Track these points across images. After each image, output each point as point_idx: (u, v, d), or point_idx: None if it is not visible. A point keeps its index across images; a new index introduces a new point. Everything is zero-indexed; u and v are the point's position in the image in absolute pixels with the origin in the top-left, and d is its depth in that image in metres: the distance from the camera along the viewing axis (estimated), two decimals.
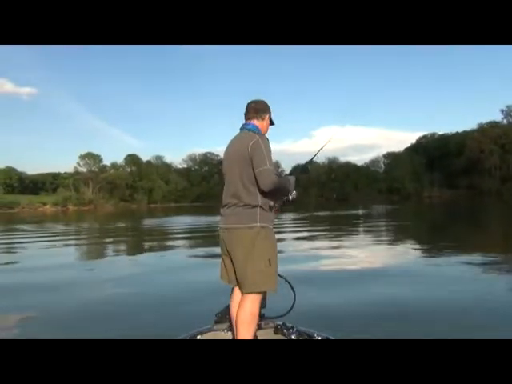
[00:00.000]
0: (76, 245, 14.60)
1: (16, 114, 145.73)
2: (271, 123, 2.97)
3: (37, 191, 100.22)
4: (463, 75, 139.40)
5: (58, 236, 17.91)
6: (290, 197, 2.80)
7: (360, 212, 31.57)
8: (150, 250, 12.49)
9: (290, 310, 3.05)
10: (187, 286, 6.39)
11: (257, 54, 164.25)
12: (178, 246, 12.75)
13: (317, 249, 10.68)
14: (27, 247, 13.28)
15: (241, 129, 2.88)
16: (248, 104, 2.90)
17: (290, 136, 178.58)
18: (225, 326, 3.01)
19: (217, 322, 3.09)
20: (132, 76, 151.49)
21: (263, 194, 2.64)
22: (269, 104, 2.96)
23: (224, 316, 3.01)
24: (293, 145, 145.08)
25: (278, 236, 2.81)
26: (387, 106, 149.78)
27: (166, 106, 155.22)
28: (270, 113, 2.93)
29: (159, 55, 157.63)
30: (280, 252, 2.75)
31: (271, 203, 2.70)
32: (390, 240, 12.57)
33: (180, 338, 2.89)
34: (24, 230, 21.86)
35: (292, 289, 3.00)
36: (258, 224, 2.61)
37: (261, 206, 2.64)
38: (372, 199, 72.91)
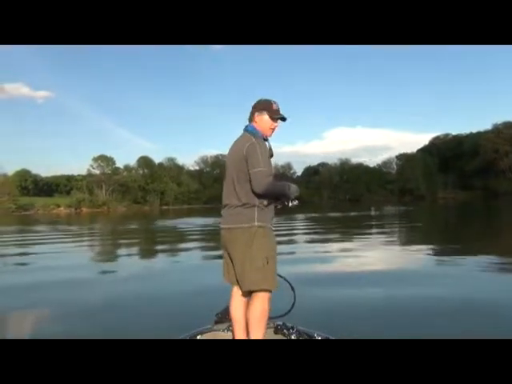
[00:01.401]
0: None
1: (31, 118, 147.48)
2: (282, 119, 2.89)
3: (51, 193, 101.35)
4: (477, 75, 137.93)
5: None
6: (290, 204, 2.74)
7: (372, 213, 31.33)
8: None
9: (290, 310, 3.04)
10: None
11: (269, 54, 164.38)
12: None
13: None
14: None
15: (243, 130, 2.89)
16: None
17: (302, 137, 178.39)
18: (225, 326, 3.01)
19: (217, 322, 3.10)
20: (144, 78, 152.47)
21: (257, 195, 2.65)
22: (271, 100, 2.87)
23: (224, 316, 3.02)
24: (304, 146, 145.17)
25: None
26: (399, 107, 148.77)
27: (178, 108, 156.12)
28: (263, 110, 2.84)
29: (171, 56, 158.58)
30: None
31: (265, 202, 2.70)
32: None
33: (180, 338, 2.90)
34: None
35: (292, 289, 2.99)
36: (256, 223, 2.65)
37: (258, 206, 2.67)
38: (384, 200, 72.42)
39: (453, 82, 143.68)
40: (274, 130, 2.88)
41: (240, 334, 2.76)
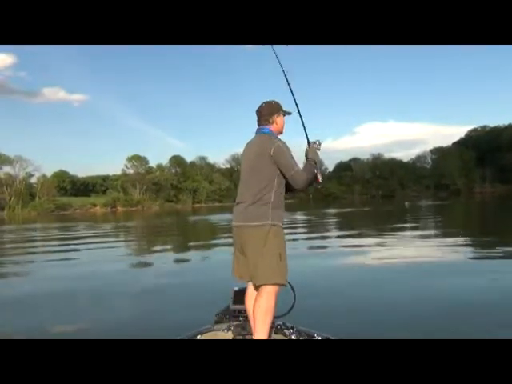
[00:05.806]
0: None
1: (68, 120, 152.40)
2: (286, 114, 2.99)
3: (88, 193, 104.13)
4: None
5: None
6: (320, 178, 2.93)
7: (406, 208, 30.74)
8: None
9: (290, 310, 3.02)
10: None
11: (300, 54, 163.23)
12: None
13: None
14: None
15: (256, 132, 2.96)
16: (256, 112, 2.96)
17: (331, 133, 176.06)
18: (225, 325, 3.01)
19: (217, 322, 3.10)
20: (176, 79, 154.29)
21: (292, 190, 2.85)
22: (277, 101, 2.97)
23: (224, 316, 3.02)
24: (335, 142, 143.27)
25: None
26: (432, 99, 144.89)
27: (209, 107, 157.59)
28: (279, 111, 2.94)
29: (203, 56, 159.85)
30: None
31: (282, 202, 2.81)
32: None
33: (180, 338, 2.91)
34: None
35: (292, 289, 2.96)
36: (270, 222, 2.68)
37: (272, 204, 2.71)
38: (419, 196, 70.83)
39: (489, 72, 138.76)
40: None
41: None
